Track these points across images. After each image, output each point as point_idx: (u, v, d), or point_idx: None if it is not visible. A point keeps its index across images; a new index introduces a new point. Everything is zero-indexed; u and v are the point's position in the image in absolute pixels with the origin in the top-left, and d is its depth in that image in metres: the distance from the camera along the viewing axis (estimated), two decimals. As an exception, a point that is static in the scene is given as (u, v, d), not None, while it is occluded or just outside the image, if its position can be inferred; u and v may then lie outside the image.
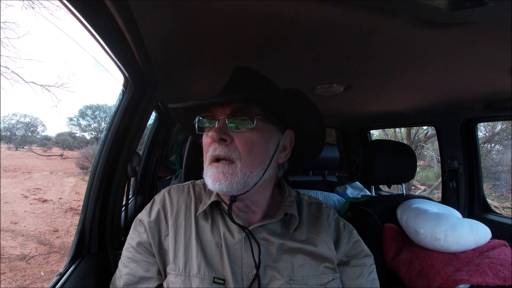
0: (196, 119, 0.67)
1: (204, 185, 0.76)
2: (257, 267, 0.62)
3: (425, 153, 7.29)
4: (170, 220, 0.68)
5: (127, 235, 0.71)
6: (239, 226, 0.65)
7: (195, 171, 1.14)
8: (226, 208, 0.67)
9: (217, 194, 0.69)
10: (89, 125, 15.85)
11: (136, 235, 0.68)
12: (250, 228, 0.66)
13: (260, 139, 0.63)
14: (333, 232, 0.73)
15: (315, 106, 0.65)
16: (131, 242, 0.68)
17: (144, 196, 2.01)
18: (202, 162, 0.68)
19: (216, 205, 0.70)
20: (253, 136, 0.62)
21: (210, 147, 0.63)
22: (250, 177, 0.61)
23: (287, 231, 0.69)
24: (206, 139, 0.65)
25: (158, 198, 0.73)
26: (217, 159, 0.62)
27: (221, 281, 0.61)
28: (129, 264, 0.67)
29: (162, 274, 0.66)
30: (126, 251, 0.68)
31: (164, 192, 0.74)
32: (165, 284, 0.64)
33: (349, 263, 0.71)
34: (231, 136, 0.61)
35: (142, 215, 0.70)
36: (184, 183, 0.77)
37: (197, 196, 0.73)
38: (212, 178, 0.61)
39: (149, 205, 0.72)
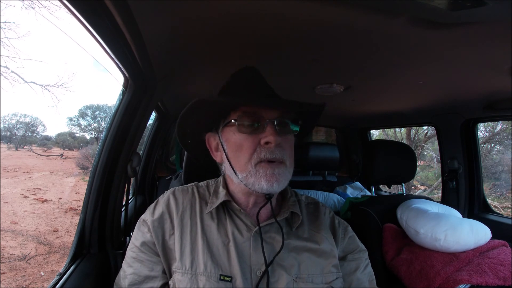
0: (237, 118, 0.64)
1: (208, 186, 0.76)
2: (267, 264, 0.62)
3: (425, 153, 7.29)
4: (176, 220, 0.68)
5: (127, 235, 0.72)
6: (249, 223, 0.67)
7: (195, 171, 1.14)
8: (236, 207, 0.69)
9: (227, 194, 0.70)
10: (89, 125, 15.89)
11: (140, 235, 0.69)
12: (257, 227, 0.67)
13: (293, 141, 0.69)
14: (330, 229, 0.75)
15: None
16: (135, 242, 0.69)
17: (144, 196, 2.01)
18: (202, 162, 0.68)
19: (222, 205, 0.70)
20: (292, 139, 0.69)
21: (262, 149, 0.62)
22: (290, 174, 0.66)
23: (289, 229, 0.71)
24: (249, 141, 0.63)
25: (162, 199, 0.74)
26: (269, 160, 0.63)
27: (228, 278, 0.61)
28: (133, 264, 0.67)
29: (167, 273, 0.66)
30: (130, 251, 0.69)
31: (168, 193, 0.75)
32: (171, 283, 0.64)
33: (345, 258, 0.73)
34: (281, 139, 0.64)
35: (146, 215, 0.71)
36: (187, 185, 0.78)
37: (201, 197, 0.73)
38: (268, 178, 0.62)
39: (152, 205, 0.73)
